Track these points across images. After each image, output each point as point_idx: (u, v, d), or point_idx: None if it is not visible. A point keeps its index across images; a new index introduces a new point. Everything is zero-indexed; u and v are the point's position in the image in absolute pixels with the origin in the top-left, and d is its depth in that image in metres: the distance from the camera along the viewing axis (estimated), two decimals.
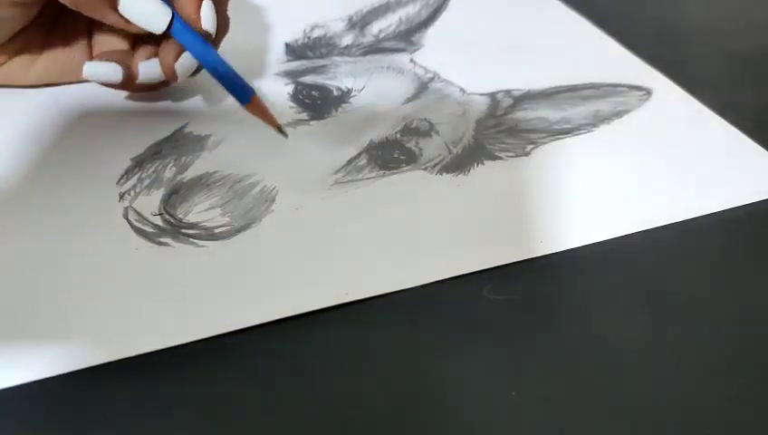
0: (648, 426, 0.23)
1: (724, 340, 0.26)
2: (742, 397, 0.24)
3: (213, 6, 0.31)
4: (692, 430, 0.23)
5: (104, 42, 0.34)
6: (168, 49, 0.32)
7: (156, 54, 0.32)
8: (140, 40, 0.33)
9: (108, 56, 0.33)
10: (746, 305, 0.28)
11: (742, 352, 0.26)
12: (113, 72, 0.32)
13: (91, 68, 0.32)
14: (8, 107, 0.34)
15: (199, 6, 0.31)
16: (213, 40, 0.32)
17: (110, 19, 0.30)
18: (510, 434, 0.23)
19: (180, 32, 0.31)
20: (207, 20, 0.31)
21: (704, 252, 0.30)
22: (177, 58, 0.32)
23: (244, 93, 0.33)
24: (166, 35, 0.31)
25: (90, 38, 0.35)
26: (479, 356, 0.25)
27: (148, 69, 0.32)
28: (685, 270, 0.29)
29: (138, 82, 0.33)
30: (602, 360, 0.25)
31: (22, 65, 0.34)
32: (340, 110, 0.36)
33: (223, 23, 0.33)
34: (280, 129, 0.32)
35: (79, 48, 0.34)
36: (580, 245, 0.29)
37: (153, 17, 0.30)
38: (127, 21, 0.30)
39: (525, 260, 0.28)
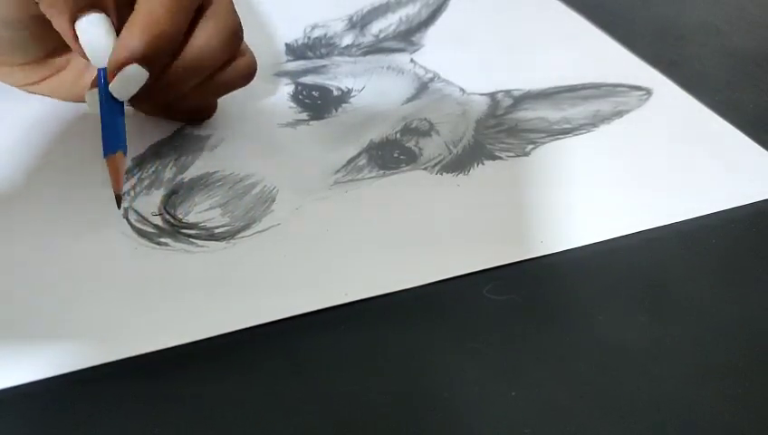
0: (648, 426, 0.23)
1: (724, 340, 0.26)
2: (742, 397, 0.24)
3: (142, 74, 0.28)
4: (692, 429, 0.23)
5: None
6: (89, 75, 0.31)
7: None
8: None
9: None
10: (746, 305, 0.28)
11: (742, 352, 0.26)
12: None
13: (92, 96, 0.31)
14: (9, 107, 0.34)
15: (120, 67, 0.28)
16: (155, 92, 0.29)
17: (62, 28, 0.28)
18: (510, 434, 0.23)
19: (102, 75, 0.29)
20: (116, 85, 0.28)
21: (704, 252, 0.30)
22: (90, 87, 0.30)
23: (113, 146, 0.28)
24: None
25: None
26: (479, 356, 0.25)
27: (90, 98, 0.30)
28: (685, 270, 0.29)
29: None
30: (602, 360, 0.25)
31: (69, 80, 0.33)
32: (340, 110, 0.36)
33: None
34: (118, 198, 0.28)
35: None
36: (580, 245, 0.29)
37: (97, 50, 0.28)
38: (76, 40, 0.28)
39: (525, 260, 0.28)
